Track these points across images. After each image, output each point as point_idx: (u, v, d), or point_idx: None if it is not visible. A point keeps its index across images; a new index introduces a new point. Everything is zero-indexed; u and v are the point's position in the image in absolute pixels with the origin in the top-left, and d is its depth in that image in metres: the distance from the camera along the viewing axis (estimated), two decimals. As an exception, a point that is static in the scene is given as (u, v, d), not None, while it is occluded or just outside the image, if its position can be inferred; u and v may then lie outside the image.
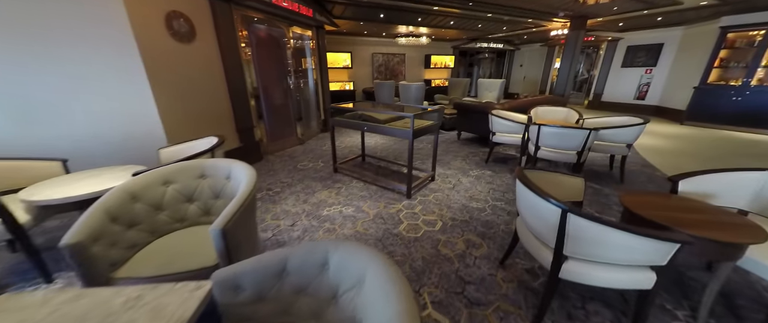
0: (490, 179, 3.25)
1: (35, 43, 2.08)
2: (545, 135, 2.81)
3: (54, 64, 2.16)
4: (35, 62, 2.12)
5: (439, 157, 4.05)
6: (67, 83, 2.23)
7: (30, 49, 2.08)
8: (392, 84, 5.99)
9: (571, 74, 5.95)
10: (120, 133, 2.51)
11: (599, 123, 3.40)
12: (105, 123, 2.45)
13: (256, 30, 3.75)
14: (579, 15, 5.47)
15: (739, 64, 5.47)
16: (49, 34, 2.10)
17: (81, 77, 2.26)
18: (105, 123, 2.45)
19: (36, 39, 2.08)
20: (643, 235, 1.02)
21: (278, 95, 4.27)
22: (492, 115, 3.52)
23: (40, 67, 2.14)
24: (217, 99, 3.28)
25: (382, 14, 5.53)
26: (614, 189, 2.95)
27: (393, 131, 2.66)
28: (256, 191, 2.63)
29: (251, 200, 1.36)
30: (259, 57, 3.85)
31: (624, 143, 2.99)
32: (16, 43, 2.04)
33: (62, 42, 2.14)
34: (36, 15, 2.05)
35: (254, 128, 3.79)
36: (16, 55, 2.07)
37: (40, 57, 2.12)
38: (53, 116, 2.28)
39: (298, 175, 3.40)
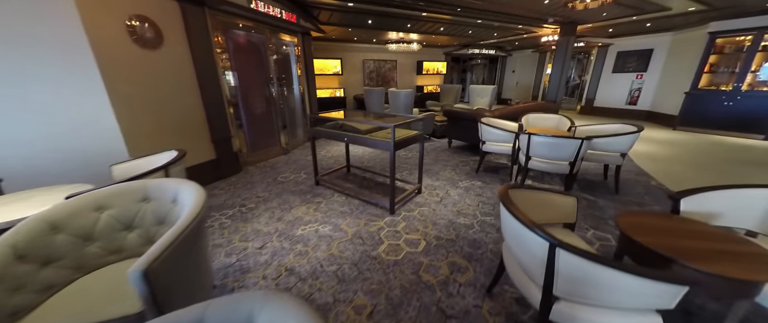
0: (480, 190, 3.08)
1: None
2: (536, 145, 2.66)
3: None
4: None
5: (428, 167, 3.88)
6: (8, 90, 2.02)
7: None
8: (382, 91, 5.85)
9: (562, 80, 5.88)
10: (74, 147, 2.29)
11: (592, 131, 3.27)
12: (58, 137, 2.23)
13: (234, 36, 3.58)
14: (568, 21, 5.43)
15: (728, 70, 5.45)
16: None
17: (24, 84, 2.05)
18: (58, 137, 2.23)
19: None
20: (647, 277, 0.84)
21: (259, 103, 4.08)
22: (481, 123, 3.38)
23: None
24: (189, 109, 3.08)
25: (371, 20, 5.43)
26: (609, 200, 2.79)
27: (374, 143, 2.48)
28: (209, 215, 2.41)
29: (193, 231, 1.16)
30: (237, 64, 3.67)
31: (618, 152, 2.85)
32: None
33: (2, 46, 1.93)
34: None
35: (232, 139, 3.59)
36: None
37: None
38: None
39: (276, 188, 3.19)
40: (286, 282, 1.75)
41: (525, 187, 1.45)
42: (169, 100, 2.85)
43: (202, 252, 1.35)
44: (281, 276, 1.81)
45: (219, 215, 2.59)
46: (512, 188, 1.39)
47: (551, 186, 3.18)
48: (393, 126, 2.26)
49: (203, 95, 3.18)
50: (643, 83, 7.25)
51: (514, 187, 1.40)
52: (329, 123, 3.04)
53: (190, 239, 1.16)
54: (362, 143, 2.58)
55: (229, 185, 3.32)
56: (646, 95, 7.24)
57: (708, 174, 3.48)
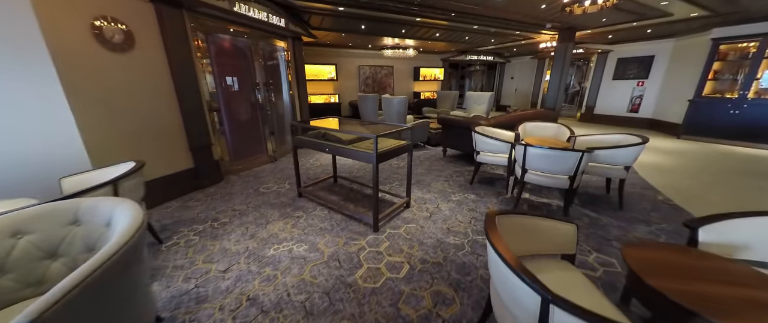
0: (473, 205, 2.87)
1: None
2: (533, 157, 2.46)
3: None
4: None
5: (420, 177, 3.68)
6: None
7: None
8: (376, 97, 5.69)
9: (561, 87, 5.71)
10: (23, 157, 2.09)
11: (593, 142, 3.08)
12: (9, 144, 2.04)
13: (216, 40, 3.43)
14: (567, 27, 5.28)
15: (733, 77, 5.28)
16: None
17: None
18: (9, 144, 2.04)
19: None
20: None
21: (244, 109, 3.91)
22: (475, 132, 3.18)
23: None
24: (164, 116, 2.90)
25: (364, 25, 5.30)
26: (613, 218, 2.58)
27: (356, 154, 2.29)
28: (177, 231, 2.12)
29: (118, 264, 0.95)
30: (220, 69, 3.51)
31: (621, 165, 2.64)
32: None
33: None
34: None
35: (212, 147, 3.40)
36: None
37: None
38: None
39: (256, 200, 2.99)
40: (245, 315, 1.54)
41: (516, 213, 1.24)
42: (141, 106, 2.68)
43: (135, 284, 1.13)
44: (241, 306, 1.59)
45: (188, 231, 2.38)
46: (502, 214, 1.19)
47: (549, 201, 2.96)
48: (375, 137, 2.06)
49: (180, 102, 3.00)
50: (645, 91, 7.07)
51: (504, 212, 1.20)
52: (312, 132, 2.86)
53: (113, 273, 0.95)
54: (344, 154, 2.39)
55: (206, 196, 3.11)
56: (648, 102, 7.06)
57: (721, 190, 3.25)
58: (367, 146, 2.35)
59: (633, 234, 2.32)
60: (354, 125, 2.79)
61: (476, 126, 3.44)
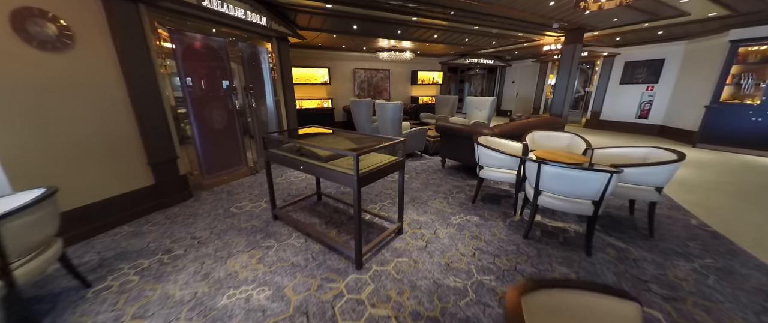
0: (477, 230, 2.44)
1: None
2: (548, 177, 2.04)
3: None
4: None
5: (416, 193, 3.26)
6: None
7: None
8: (370, 103, 5.29)
9: (569, 92, 5.33)
10: None
11: (615, 156, 2.67)
12: None
13: (183, 39, 3.03)
14: (575, 27, 4.92)
15: (754, 81, 4.90)
16: None
17: None
18: None
19: None
20: None
21: (218, 117, 3.49)
22: (478, 144, 2.77)
23: None
24: (115, 126, 2.48)
25: (356, 25, 4.92)
26: (645, 249, 2.15)
27: (334, 175, 1.87)
28: (117, 268, 1.56)
29: None
30: (188, 72, 3.11)
31: (652, 186, 2.23)
32: None
33: None
34: None
35: (178, 160, 2.98)
36: None
37: None
38: None
39: (223, 224, 2.56)
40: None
41: (548, 285, 0.82)
42: (84, 115, 2.26)
43: None
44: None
45: (129, 268, 1.95)
46: (528, 291, 0.76)
47: (565, 225, 2.54)
48: (356, 155, 1.65)
49: (137, 110, 2.58)
50: (655, 96, 6.70)
51: (531, 287, 0.78)
52: (288, 145, 2.44)
53: None
54: (320, 174, 1.97)
55: (166, 218, 2.68)
56: (658, 108, 6.68)
57: (761, 209, 2.83)
58: (349, 163, 1.93)
59: (673, 273, 1.89)
60: (338, 138, 2.38)
61: (479, 137, 3.03)
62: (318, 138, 2.43)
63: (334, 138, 2.43)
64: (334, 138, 2.43)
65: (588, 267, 1.96)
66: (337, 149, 1.83)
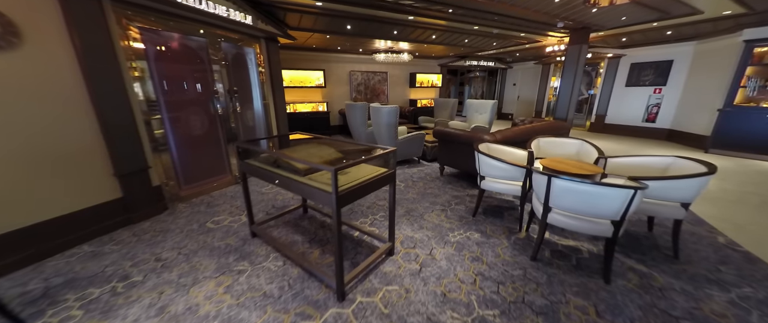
0: (478, 249, 2.17)
1: None
2: (560, 192, 1.77)
3: None
4: None
5: (412, 204, 2.99)
6: None
7: None
8: (365, 106, 5.04)
9: (574, 95, 5.07)
10: None
11: (632, 167, 2.40)
12: None
13: (156, 38, 2.79)
14: (581, 27, 4.68)
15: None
16: None
17: None
18: None
19: None
20: None
21: (198, 123, 3.24)
22: (479, 153, 2.51)
23: None
24: (74, 133, 2.23)
25: (350, 25, 4.69)
26: (670, 274, 1.88)
27: (311, 192, 1.60)
28: (60, 300, 1.41)
29: None
30: (163, 75, 2.86)
31: (677, 202, 1.96)
32: None
33: None
34: None
35: (149, 170, 2.72)
36: None
37: None
38: None
39: (194, 242, 2.29)
40: None
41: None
42: (32, 121, 2.01)
43: None
44: None
45: (74, 300, 1.68)
46: None
47: (577, 244, 2.26)
48: (334, 170, 1.38)
49: (100, 115, 2.33)
50: (662, 98, 6.44)
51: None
52: (265, 155, 2.18)
53: None
54: (297, 190, 1.71)
55: (134, 235, 2.42)
56: (666, 111, 6.42)
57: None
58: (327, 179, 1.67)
59: (708, 307, 1.61)
60: (321, 147, 2.12)
61: (480, 144, 2.77)
62: (299, 147, 2.17)
63: (316, 147, 2.17)
64: (316, 147, 2.17)
65: (608, 298, 1.68)
66: (312, 163, 1.56)
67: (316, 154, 2.00)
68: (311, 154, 2.02)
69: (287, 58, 6.70)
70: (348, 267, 1.97)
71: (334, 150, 2.11)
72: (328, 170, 1.41)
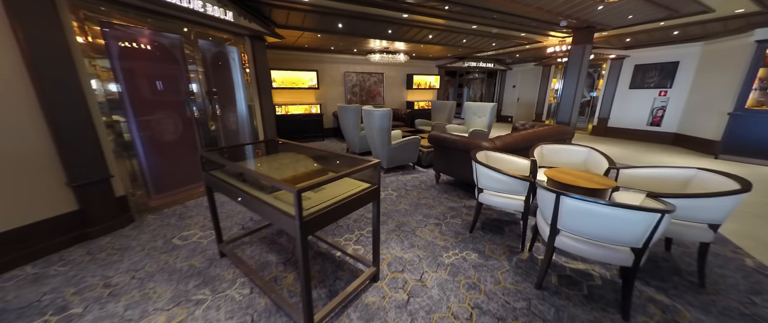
0: (476, 273, 1.91)
1: None
2: (570, 214, 1.51)
3: None
4: None
5: (403, 217, 2.73)
6: None
7: None
8: (358, 108, 4.79)
9: (577, 98, 4.83)
10: None
11: (646, 178, 2.14)
12: None
13: (120, 34, 2.53)
14: (585, 26, 4.44)
15: (784, 87, 4.41)
16: None
17: None
18: None
19: None
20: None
21: (171, 127, 2.98)
22: (476, 163, 2.25)
23: None
24: (15, 137, 1.96)
25: (341, 24, 4.44)
26: (696, 306, 1.62)
27: (273, 215, 1.34)
28: None
29: None
30: (129, 74, 2.60)
31: (705, 223, 1.70)
32: None
33: None
34: None
35: (111, 179, 2.45)
36: None
37: None
38: None
39: (155, 263, 2.02)
40: None
41: None
42: (-38, 127, 1.74)
43: None
44: None
45: (-7, 342, 1.41)
46: None
47: (588, 268, 2.00)
48: (296, 192, 1.12)
49: (50, 118, 2.07)
50: (668, 101, 6.21)
51: None
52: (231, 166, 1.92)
53: None
54: (261, 211, 1.44)
55: (88, 253, 2.15)
56: (672, 114, 6.18)
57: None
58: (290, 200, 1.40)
59: (749, 352, 1.35)
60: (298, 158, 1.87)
61: (477, 152, 2.51)
62: (272, 157, 1.91)
63: (293, 157, 1.91)
64: (293, 157, 1.91)
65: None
66: (272, 179, 1.30)
67: (290, 166, 1.74)
68: (283, 166, 1.76)
69: (278, 58, 6.45)
70: (324, 296, 1.70)
71: (313, 162, 1.85)
72: (289, 190, 1.15)
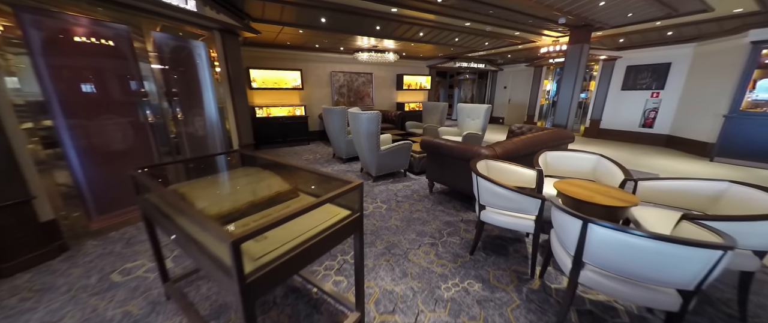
0: (481, 310, 1.58)
1: None
2: (601, 247, 1.20)
3: None
4: None
5: (393, 236, 2.38)
6: None
7: None
8: (343, 111, 4.42)
9: (575, 99, 4.63)
10: None
11: (669, 192, 1.88)
12: None
13: (44, 21, 2.07)
14: (583, 24, 4.24)
15: (778, 88, 4.34)
16: None
17: None
18: None
19: None
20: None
21: (117, 133, 2.52)
22: (478, 176, 1.93)
23: None
24: None
25: (324, 18, 4.06)
26: (747, 353, 1.34)
27: (209, 267, 0.96)
28: None
29: None
30: (58, 71, 2.14)
31: (749, 250, 1.43)
32: None
33: None
34: None
35: (33, 201, 1.98)
36: None
37: None
38: None
39: (79, 310, 1.59)
40: None
41: None
42: None
43: None
44: None
45: None
46: None
47: (613, 302, 1.71)
48: (231, 243, 0.75)
49: (-62, 127, 1.60)
50: (660, 103, 6.14)
51: None
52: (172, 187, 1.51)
53: None
54: (192, 255, 1.05)
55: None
56: (664, 116, 6.12)
57: None
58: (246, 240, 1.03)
59: None
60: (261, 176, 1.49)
61: (477, 161, 2.19)
62: (222, 176, 1.53)
63: (256, 175, 1.52)
64: (256, 175, 1.52)
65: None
66: (202, 219, 0.91)
67: (248, 188, 1.36)
68: (238, 188, 1.38)
69: (258, 57, 6.00)
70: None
71: (280, 181, 1.47)
72: (221, 240, 0.78)
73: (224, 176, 1.67)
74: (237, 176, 1.60)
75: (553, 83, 8.99)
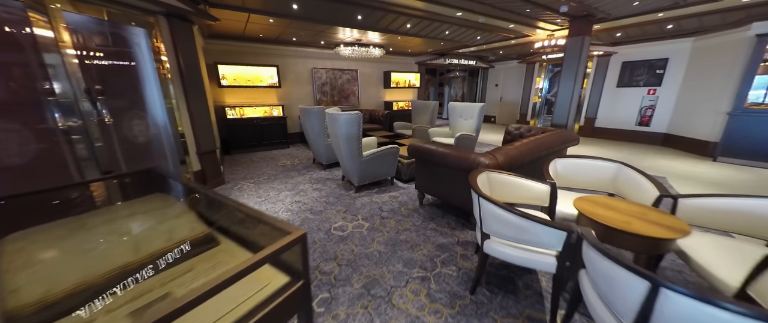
0: (491, 396, 1.12)
1: None
2: (677, 320, 0.76)
3: None
4: None
5: (375, 268, 1.90)
6: None
7: None
8: (322, 111, 3.90)
9: (575, 96, 4.28)
10: None
11: (724, 212, 1.48)
12: None
13: None
14: (583, 14, 3.88)
15: (784, 84, 4.12)
16: None
17: None
18: None
19: None
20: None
21: (11, 145, 1.93)
22: (480, 198, 1.47)
23: None
24: None
25: (296, 4, 3.53)
26: None
27: None
28: None
29: None
30: None
31: None
32: None
33: None
34: None
35: None
36: None
37: None
38: None
39: None
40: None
41: None
42: None
43: None
44: None
45: None
46: None
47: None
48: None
49: None
50: (657, 100, 5.92)
51: None
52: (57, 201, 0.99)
53: None
54: None
55: None
56: (662, 114, 5.90)
57: None
58: None
59: None
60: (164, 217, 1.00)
61: (477, 175, 1.73)
62: (105, 212, 1.02)
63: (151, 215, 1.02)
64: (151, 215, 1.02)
65: None
66: None
67: (141, 236, 0.85)
68: (124, 236, 0.88)
69: (228, 51, 5.39)
70: None
71: (193, 219, 0.97)
72: None
73: (111, 212, 1.15)
74: (132, 211, 1.08)
75: (546, 80, 8.73)
